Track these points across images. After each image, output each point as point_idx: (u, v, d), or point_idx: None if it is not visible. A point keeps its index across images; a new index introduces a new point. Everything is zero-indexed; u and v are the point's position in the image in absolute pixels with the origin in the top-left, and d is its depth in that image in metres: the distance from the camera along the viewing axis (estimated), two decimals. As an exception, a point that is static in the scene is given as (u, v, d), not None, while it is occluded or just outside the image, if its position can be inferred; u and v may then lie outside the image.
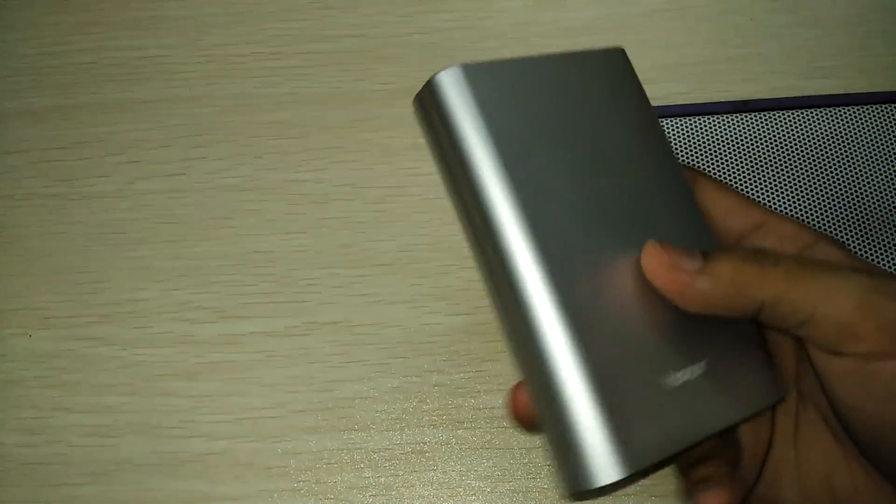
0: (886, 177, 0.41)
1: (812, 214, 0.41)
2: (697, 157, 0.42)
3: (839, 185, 0.41)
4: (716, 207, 0.27)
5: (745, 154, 0.42)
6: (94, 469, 0.38)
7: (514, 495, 0.37)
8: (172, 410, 0.39)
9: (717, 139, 0.42)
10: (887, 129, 0.42)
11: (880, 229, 0.40)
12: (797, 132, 0.42)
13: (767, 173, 0.42)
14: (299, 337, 0.39)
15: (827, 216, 0.40)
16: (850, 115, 0.43)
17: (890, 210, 0.40)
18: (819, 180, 0.41)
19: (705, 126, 0.43)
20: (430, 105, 0.27)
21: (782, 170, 0.42)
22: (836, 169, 0.42)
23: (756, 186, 0.41)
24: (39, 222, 0.42)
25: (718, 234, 0.27)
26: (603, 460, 0.23)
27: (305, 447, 0.38)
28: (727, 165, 0.42)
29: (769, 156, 0.42)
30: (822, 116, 0.43)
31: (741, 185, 0.41)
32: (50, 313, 0.41)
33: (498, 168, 0.25)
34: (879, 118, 0.42)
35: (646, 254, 0.25)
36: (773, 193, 0.41)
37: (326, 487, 0.37)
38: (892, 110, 0.43)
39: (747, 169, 0.42)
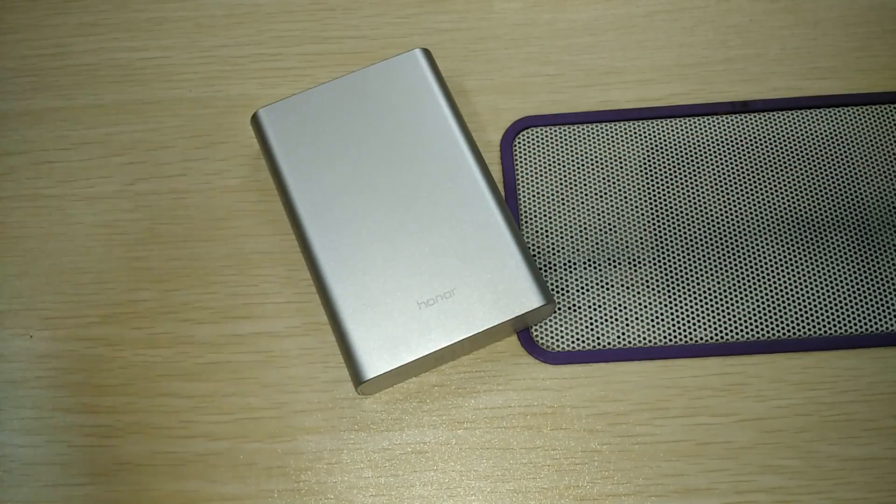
0: (886, 177, 0.41)
1: (812, 215, 0.41)
2: (697, 158, 0.42)
3: (839, 185, 0.41)
4: None
5: (744, 154, 0.42)
6: (95, 469, 0.38)
7: (514, 495, 0.37)
8: (173, 411, 0.39)
9: (717, 140, 0.42)
10: (887, 130, 0.42)
11: (880, 229, 0.40)
12: (797, 133, 0.42)
13: (767, 174, 0.42)
14: (299, 337, 0.39)
15: (827, 217, 0.41)
16: (849, 115, 0.43)
17: (890, 210, 0.40)
18: (819, 181, 0.41)
19: (705, 126, 0.43)
20: (254, 130, 0.40)
21: (782, 170, 0.42)
22: (836, 169, 0.42)
23: (756, 187, 0.41)
24: (40, 223, 0.43)
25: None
26: (357, 368, 0.35)
27: (305, 447, 0.38)
28: (727, 166, 0.42)
29: (769, 156, 0.42)
30: (821, 117, 0.43)
31: (741, 185, 0.41)
32: (50, 314, 0.41)
33: (288, 184, 0.38)
34: (879, 118, 0.42)
35: None
36: (772, 194, 0.41)
37: (326, 487, 0.37)
38: (892, 110, 0.43)
39: (747, 169, 0.42)
